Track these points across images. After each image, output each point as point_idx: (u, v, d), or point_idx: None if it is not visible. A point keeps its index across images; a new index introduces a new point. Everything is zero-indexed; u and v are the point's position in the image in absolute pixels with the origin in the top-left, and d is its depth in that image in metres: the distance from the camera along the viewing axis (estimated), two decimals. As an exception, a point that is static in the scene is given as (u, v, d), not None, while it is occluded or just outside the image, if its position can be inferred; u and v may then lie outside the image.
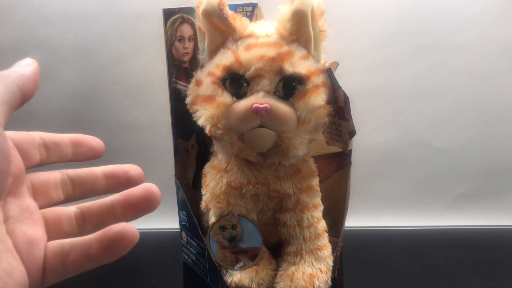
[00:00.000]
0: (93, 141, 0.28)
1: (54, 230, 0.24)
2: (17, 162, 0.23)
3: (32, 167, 0.25)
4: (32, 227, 0.23)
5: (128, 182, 0.27)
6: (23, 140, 0.25)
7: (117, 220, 0.25)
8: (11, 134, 0.24)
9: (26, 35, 0.67)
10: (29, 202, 0.24)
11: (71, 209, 0.25)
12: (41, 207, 0.25)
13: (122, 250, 0.22)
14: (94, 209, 0.25)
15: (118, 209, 0.25)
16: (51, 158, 0.26)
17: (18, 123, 0.24)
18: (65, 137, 0.27)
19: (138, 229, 0.23)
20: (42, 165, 0.25)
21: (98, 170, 0.27)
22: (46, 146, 0.26)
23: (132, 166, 0.28)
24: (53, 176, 0.26)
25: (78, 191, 0.27)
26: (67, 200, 0.26)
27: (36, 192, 0.25)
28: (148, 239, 0.69)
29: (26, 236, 0.22)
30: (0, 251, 0.21)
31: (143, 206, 0.25)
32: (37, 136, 0.26)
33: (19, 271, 0.21)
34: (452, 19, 0.64)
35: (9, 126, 0.24)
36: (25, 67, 0.24)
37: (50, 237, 0.24)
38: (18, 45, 0.67)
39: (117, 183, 0.27)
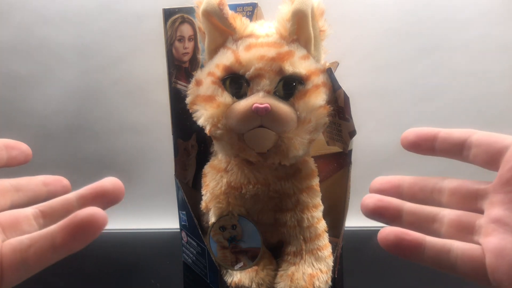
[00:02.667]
0: (22, 145, 0.28)
1: (11, 231, 0.24)
2: None
3: None
4: None
5: (64, 189, 0.28)
6: None
7: None
8: None
9: (26, 35, 0.67)
10: None
11: (28, 209, 0.25)
12: None
13: (91, 236, 0.21)
14: (57, 206, 0.25)
15: (85, 202, 0.25)
16: None
17: (18, 123, 0.24)
18: None
19: (138, 229, 0.23)
20: None
21: (36, 178, 0.28)
22: None
23: (61, 177, 0.29)
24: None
25: (22, 197, 0.27)
26: (13, 206, 0.26)
27: None
28: (148, 239, 0.69)
29: None
30: None
31: (111, 196, 0.25)
32: None
33: None
34: (452, 19, 0.64)
35: (8, 126, 0.24)
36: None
37: (9, 238, 0.23)
38: (18, 45, 0.67)
39: (55, 190, 0.28)
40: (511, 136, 0.25)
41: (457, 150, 0.26)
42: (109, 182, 0.25)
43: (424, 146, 0.28)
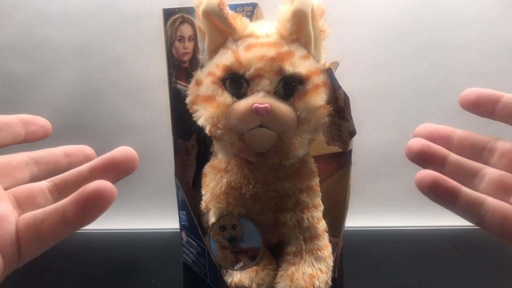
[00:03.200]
0: (41, 120, 0.28)
1: (27, 205, 0.24)
2: None
3: None
4: None
5: (86, 159, 0.28)
6: None
7: None
8: None
9: (26, 35, 0.67)
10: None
11: (43, 183, 0.25)
12: (6, 189, 0.25)
13: (101, 209, 0.22)
14: (70, 178, 0.25)
15: (98, 174, 0.25)
16: (6, 140, 0.26)
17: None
18: (13, 117, 0.27)
19: (138, 229, 0.23)
20: None
21: (57, 149, 0.28)
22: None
23: (85, 146, 0.29)
24: (14, 158, 0.26)
25: (42, 170, 0.27)
26: (33, 179, 0.26)
27: (0, 175, 0.25)
28: (148, 239, 0.69)
29: None
30: None
31: (124, 167, 0.25)
32: None
33: None
34: (452, 19, 0.64)
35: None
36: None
37: (25, 212, 0.24)
38: (18, 45, 0.67)
39: (77, 160, 0.28)
40: None
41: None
42: (121, 152, 0.25)
43: (484, 108, 0.28)
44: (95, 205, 0.21)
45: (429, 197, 0.26)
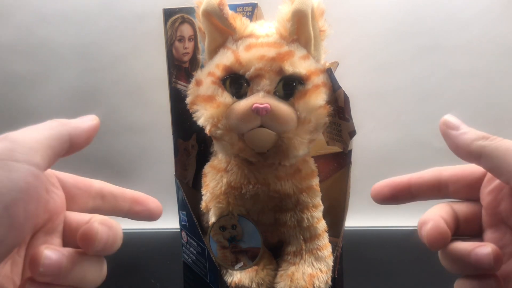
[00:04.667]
0: (152, 202, 0.28)
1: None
2: (57, 199, 0.24)
3: (81, 211, 0.26)
4: None
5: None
6: (75, 185, 0.25)
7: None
8: (66, 177, 0.25)
9: (26, 35, 0.67)
10: (56, 242, 0.24)
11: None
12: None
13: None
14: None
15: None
16: (105, 208, 0.27)
17: (18, 123, 0.24)
18: (126, 192, 0.27)
19: (138, 229, 0.24)
20: (94, 213, 0.26)
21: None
22: (103, 197, 0.26)
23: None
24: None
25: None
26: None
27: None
28: (148, 239, 0.69)
29: None
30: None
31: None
32: (96, 184, 0.27)
33: None
34: (452, 19, 0.64)
35: (8, 125, 0.24)
36: (85, 121, 0.25)
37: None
38: (18, 45, 0.67)
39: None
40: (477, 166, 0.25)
41: (435, 191, 0.27)
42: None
43: (402, 196, 0.28)
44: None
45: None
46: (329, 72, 0.38)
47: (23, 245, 0.23)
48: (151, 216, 0.28)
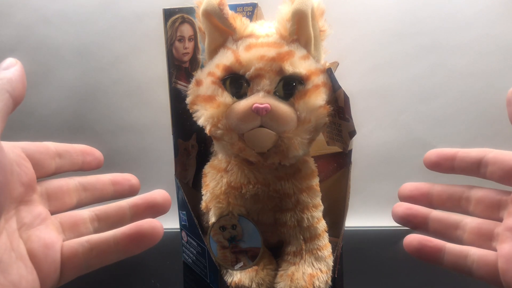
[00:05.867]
0: (96, 152, 0.30)
1: (70, 232, 0.26)
2: (27, 171, 0.25)
3: (47, 175, 0.26)
4: (45, 231, 0.24)
5: (131, 189, 0.29)
6: (37, 150, 0.26)
7: (132, 220, 0.27)
8: (24, 145, 0.26)
9: (26, 35, 0.67)
10: (40, 208, 0.25)
11: (85, 212, 0.27)
12: (54, 212, 0.26)
13: (150, 244, 0.25)
14: (112, 212, 0.27)
15: (137, 211, 0.28)
16: (65, 167, 0.28)
17: (18, 123, 0.24)
18: (75, 147, 0.29)
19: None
20: (56, 174, 0.27)
21: (105, 177, 0.29)
22: (60, 155, 0.27)
23: (131, 175, 0.30)
24: (66, 182, 0.28)
25: (89, 196, 0.28)
26: (78, 205, 0.28)
27: (51, 198, 0.26)
28: (148, 239, 0.69)
29: (41, 240, 0.24)
30: (12, 260, 0.22)
31: (161, 208, 0.28)
32: (51, 146, 0.27)
33: (27, 281, 0.22)
34: (452, 19, 0.64)
35: (8, 125, 0.24)
36: (11, 70, 0.24)
37: (67, 239, 0.26)
38: (18, 45, 0.67)
39: (122, 189, 0.29)
40: None
41: (474, 168, 0.29)
42: (159, 194, 0.28)
43: (445, 165, 0.30)
44: (147, 240, 0.25)
45: (418, 258, 0.29)
46: (329, 72, 0.38)
47: (11, 218, 0.23)
48: (99, 164, 0.30)
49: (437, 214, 0.30)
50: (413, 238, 0.30)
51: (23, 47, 0.67)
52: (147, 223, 0.25)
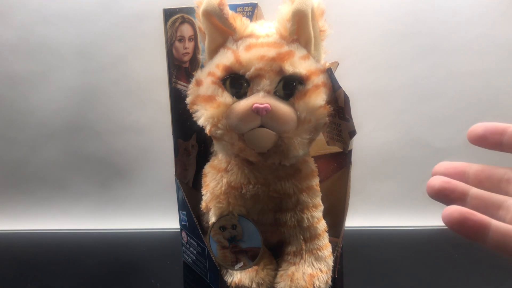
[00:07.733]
0: None
1: None
2: None
3: None
4: None
5: None
6: None
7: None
8: None
9: (26, 35, 0.67)
10: None
11: None
12: None
13: None
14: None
15: None
16: None
17: (18, 123, 0.24)
18: None
19: (139, 229, 0.24)
20: None
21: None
22: None
23: None
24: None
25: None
26: None
27: None
28: (148, 239, 0.69)
29: None
30: None
31: None
32: None
33: None
34: (452, 19, 0.64)
35: (8, 125, 0.24)
36: None
37: None
38: (18, 45, 0.67)
39: None
40: None
41: None
42: None
43: (492, 140, 0.28)
44: None
45: (459, 233, 0.26)
46: (329, 72, 0.38)
47: None
48: None
49: (477, 191, 0.27)
50: (454, 210, 0.26)
51: (23, 47, 0.67)
52: None
